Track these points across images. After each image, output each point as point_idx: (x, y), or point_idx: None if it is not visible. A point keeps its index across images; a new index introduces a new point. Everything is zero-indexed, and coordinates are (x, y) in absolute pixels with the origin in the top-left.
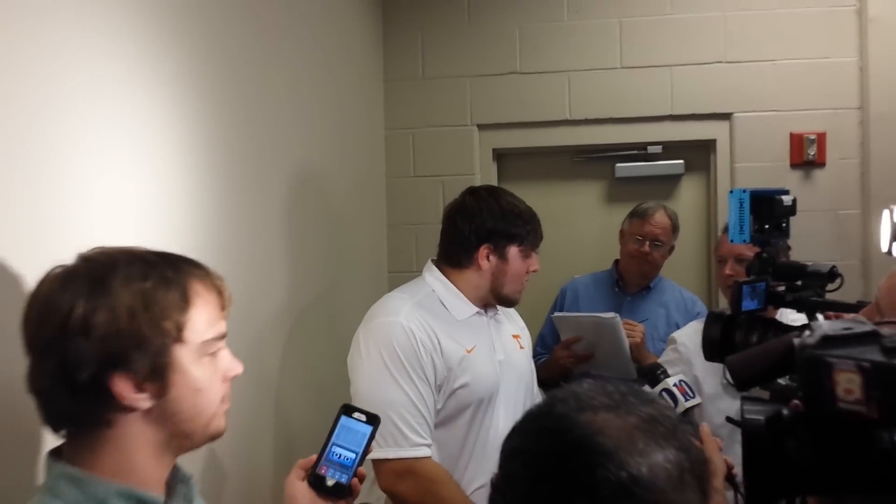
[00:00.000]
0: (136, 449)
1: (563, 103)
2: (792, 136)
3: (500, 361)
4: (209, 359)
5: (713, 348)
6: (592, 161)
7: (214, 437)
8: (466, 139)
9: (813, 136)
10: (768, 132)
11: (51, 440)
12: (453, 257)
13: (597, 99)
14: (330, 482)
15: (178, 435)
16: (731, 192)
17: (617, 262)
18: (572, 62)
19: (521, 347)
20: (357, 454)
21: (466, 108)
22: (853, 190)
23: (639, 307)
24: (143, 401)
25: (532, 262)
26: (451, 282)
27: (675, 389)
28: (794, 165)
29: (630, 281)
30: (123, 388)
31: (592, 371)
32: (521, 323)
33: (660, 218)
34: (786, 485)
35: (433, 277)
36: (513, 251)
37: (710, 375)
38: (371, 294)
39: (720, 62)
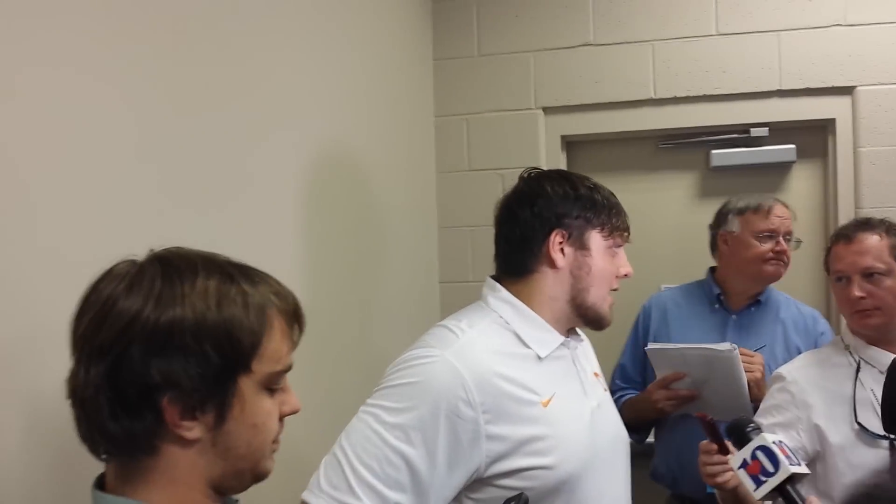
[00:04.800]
0: (186, 486)
1: (647, 79)
2: None
3: (592, 410)
4: (269, 393)
5: None
6: (682, 148)
7: (261, 478)
8: (530, 125)
9: None
10: None
11: None
12: (515, 262)
13: (687, 73)
14: None
15: (229, 474)
16: None
17: (713, 270)
18: (657, 29)
19: (605, 389)
20: None
21: (530, 89)
22: None
23: (749, 329)
24: (196, 430)
25: (622, 261)
26: (526, 299)
27: (775, 448)
28: None
29: (736, 294)
30: (174, 412)
31: (694, 412)
32: (595, 359)
33: (782, 209)
34: None
35: (498, 299)
36: (595, 238)
37: (837, 421)
38: (419, 310)
39: (839, 25)
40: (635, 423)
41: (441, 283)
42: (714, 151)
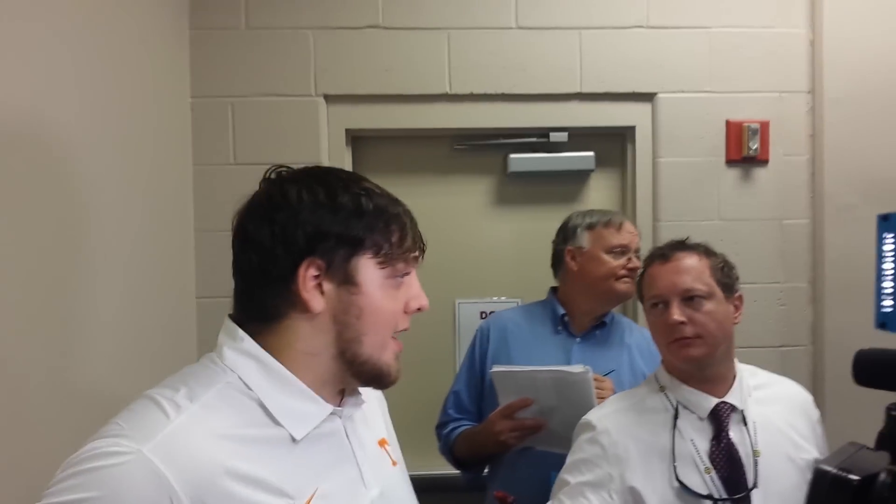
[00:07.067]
0: None
1: (442, 72)
2: (729, 125)
3: (373, 501)
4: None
5: None
6: (479, 150)
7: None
8: (309, 115)
9: (755, 126)
10: (700, 119)
11: None
12: (255, 303)
13: (485, 68)
14: None
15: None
16: (886, 218)
17: (555, 290)
18: (453, 16)
19: (394, 463)
20: None
21: (309, 73)
22: (801, 194)
23: (595, 353)
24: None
25: (413, 292)
26: (275, 354)
27: None
28: (730, 162)
29: (582, 315)
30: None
31: (538, 446)
32: (381, 409)
33: (631, 225)
34: None
35: (239, 353)
36: (366, 268)
37: (655, 478)
38: (171, 336)
39: (641, 27)
40: (472, 459)
41: (199, 298)
42: (511, 156)
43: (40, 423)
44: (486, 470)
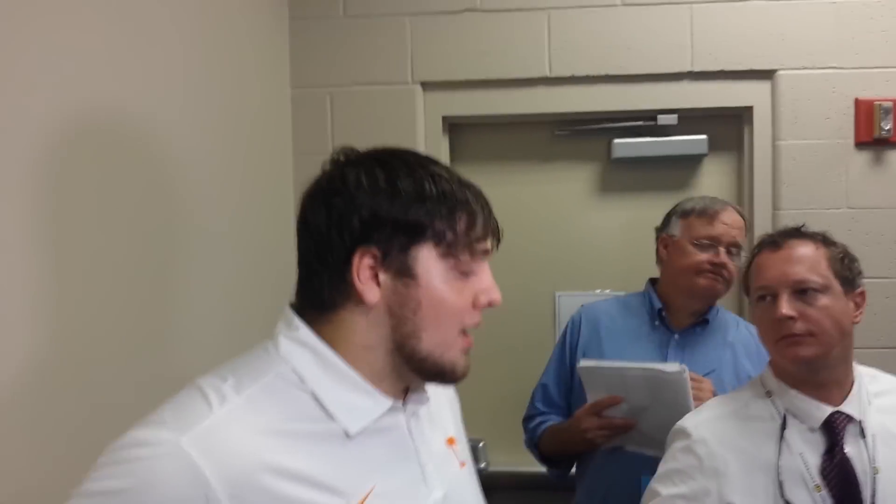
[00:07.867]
0: None
1: (542, 54)
2: (858, 103)
3: (436, 503)
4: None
5: None
6: (581, 136)
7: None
8: (406, 103)
9: (888, 104)
10: (825, 98)
11: None
12: (313, 292)
13: (588, 49)
14: None
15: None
16: None
17: (654, 281)
18: None
19: (462, 464)
20: None
21: (406, 60)
22: None
23: (694, 351)
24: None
25: (483, 284)
26: (331, 345)
27: None
28: (860, 144)
29: (678, 310)
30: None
31: (628, 446)
32: (451, 407)
33: (732, 216)
34: None
35: (294, 342)
36: (426, 258)
37: (758, 495)
38: (267, 332)
39: None
40: (558, 456)
41: None
42: (616, 141)
43: (133, 416)
44: (573, 469)
